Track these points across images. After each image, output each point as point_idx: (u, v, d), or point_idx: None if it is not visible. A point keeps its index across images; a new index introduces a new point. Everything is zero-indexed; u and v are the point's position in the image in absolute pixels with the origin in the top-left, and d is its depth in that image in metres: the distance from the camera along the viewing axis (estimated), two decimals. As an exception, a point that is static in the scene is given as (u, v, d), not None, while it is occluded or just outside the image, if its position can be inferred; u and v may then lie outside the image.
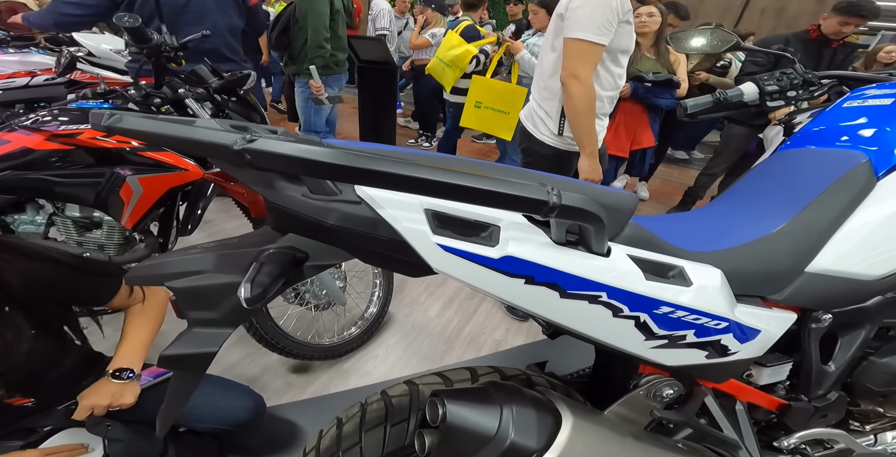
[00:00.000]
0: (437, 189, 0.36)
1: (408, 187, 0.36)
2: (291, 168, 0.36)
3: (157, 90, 1.35)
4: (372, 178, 0.36)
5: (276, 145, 0.34)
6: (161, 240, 1.48)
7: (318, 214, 0.45)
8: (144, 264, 0.53)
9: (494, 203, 0.39)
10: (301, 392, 1.44)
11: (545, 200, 0.38)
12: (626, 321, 0.50)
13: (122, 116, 0.39)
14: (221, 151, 0.35)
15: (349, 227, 0.45)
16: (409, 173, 0.36)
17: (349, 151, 0.36)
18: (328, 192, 0.45)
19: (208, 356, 0.49)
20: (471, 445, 0.46)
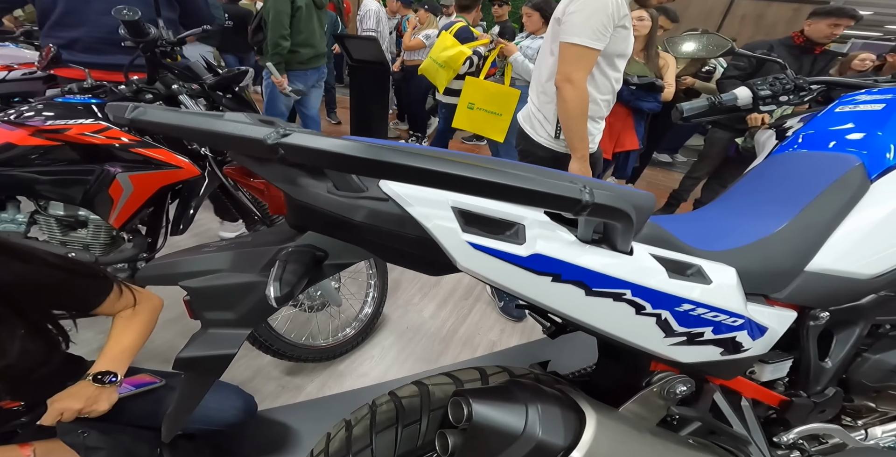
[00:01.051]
0: (472, 186, 0.36)
1: (443, 184, 0.36)
2: (326, 163, 0.36)
3: (149, 86, 1.32)
4: (407, 174, 0.36)
5: (312, 140, 0.34)
6: (150, 239, 1.44)
7: (344, 211, 0.44)
8: (157, 263, 0.51)
9: (528, 200, 0.39)
10: (295, 395, 1.41)
11: (578, 199, 0.38)
12: (647, 319, 0.50)
13: (146, 108, 0.38)
14: (254, 145, 0.34)
15: (377, 224, 0.44)
16: (445, 170, 0.35)
17: (383, 147, 0.36)
18: (354, 188, 0.45)
19: (227, 358, 0.47)
20: (497, 444, 0.46)
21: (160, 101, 1.39)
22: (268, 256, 0.49)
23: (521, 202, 0.39)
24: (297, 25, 2.57)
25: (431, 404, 0.71)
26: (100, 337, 1.62)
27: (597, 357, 1.13)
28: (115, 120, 0.39)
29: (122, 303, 0.99)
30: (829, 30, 2.54)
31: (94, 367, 0.89)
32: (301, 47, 2.65)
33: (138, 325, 1.01)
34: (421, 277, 2.09)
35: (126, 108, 0.38)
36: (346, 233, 0.48)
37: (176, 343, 1.65)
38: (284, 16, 2.49)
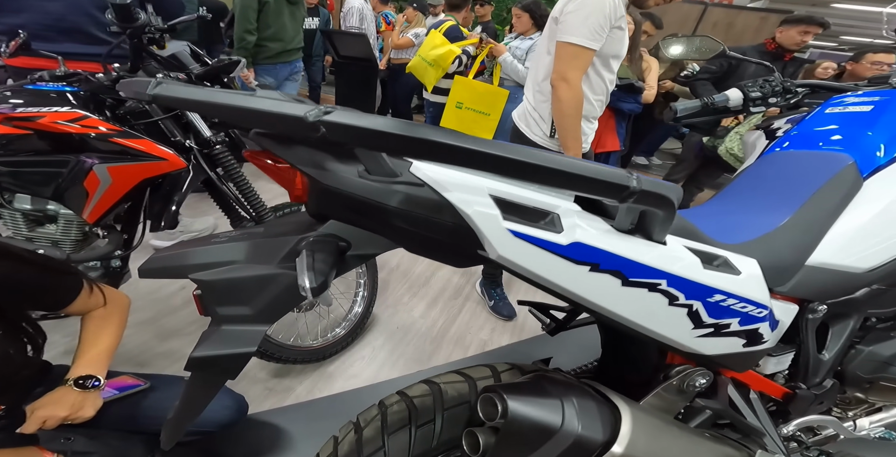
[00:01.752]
0: (523, 170, 0.36)
1: (494, 168, 0.36)
2: (370, 142, 0.34)
3: (131, 74, 1.24)
4: (457, 156, 0.35)
5: (356, 117, 0.32)
6: (125, 236, 1.36)
7: (378, 196, 0.42)
8: (163, 255, 0.47)
9: (576, 185, 0.39)
10: (283, 398, 1.36)
11: (626, 185, 0.38)
12: (678, 310, 0.50)
13: (170, 83, 0.35)
14: (292, 122, 0.32)
15: (412, 210, 0.42)
16: (499, 153, 0.35)
17: (432, 128, 0.35)
18: (388, 173, 0.42)
19: (246, 357, 0.44)
20: (533, 440, 0.44)
21: None
22: (287, 247, 0.46)
23: (569, 187, 0.39)
24: (265, 20, 2.56)
25: (445, 403, 0.68)
26: (66, 340, 1.52)
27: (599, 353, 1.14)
28: (135, 96, 0.35)
29: (92, 302, 0.94)
30: (799, 37, 2.67)
31: (73, 371, 0.84)
32: (269, 42, 2.63)
33: (113, 325, 0.96)
34: (410, 276, 2.06)
35: (147, 84, 0.35)
36: (373, 221, 0.45)
37: (151, 346, 1.56)
38: (251, 10, 2.49)
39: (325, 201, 0.45)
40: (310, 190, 0.46)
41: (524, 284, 1.98)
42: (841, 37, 11.34)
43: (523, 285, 2.13)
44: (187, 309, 1.76)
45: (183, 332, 1.64)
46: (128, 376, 0.99)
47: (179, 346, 1.57)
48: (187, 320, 1.70)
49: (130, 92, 0.37)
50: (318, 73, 4.69)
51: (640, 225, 0.47)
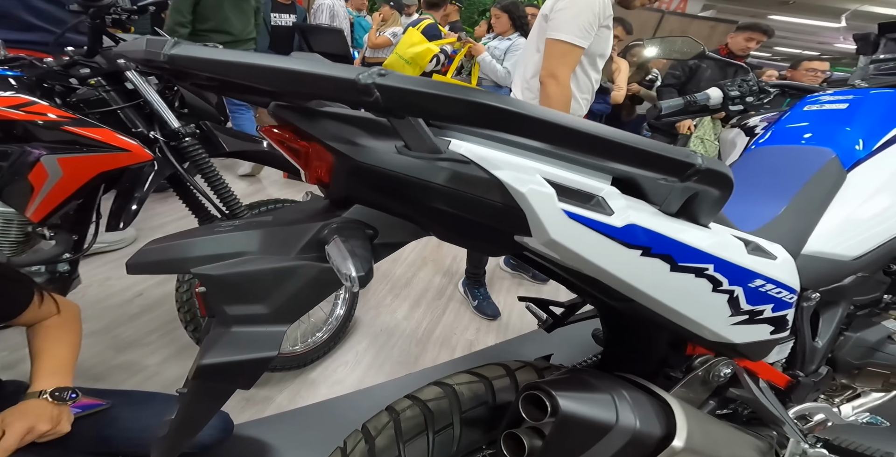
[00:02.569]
0: (590, 143, 0.35)
1: (557, 139, 0.34)
2: (432, 109, 0.31)
3: (88, 59, 1.12)
4: (525, 124, 0.32)
5: (415, 82, 0.30)
6: (75, 237, 1.22)
7: (422, 173, 0.37)
8: (157, 247, 0.40)
9: (641, 161, 0.37)
10: (262, 409, 1.26)
11: (692, 162, 0.38)
12: (720, 297, 0.48)
13: (186, 44, 0.30)
14: (342, 86, 0.29)
15: (459, 189, 0.38)
16: (568, 124, 0.33)
17: (492, 94, 0.31)
18: (431, 149, 0.38)
19: (265, 363, 0.38)
20: (586, 438, 0.41)
21: (99, 78, 1.19)
22: (308, 235, 0.40)
23: (634, 163, 0.38)
24: (204, 13, 2.50)
25: (462, 406, 0.64)
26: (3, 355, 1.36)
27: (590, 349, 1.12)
28: (146, 57, 0.30)
29: (44, 312, 0.85)
30: (745, 43, 2.85)
31: (37, 383, 0.76)
32: (213, 34, 2.55)
33: (69, 334, 0.88)
34: (391, 278, 1.99)
35: (162, 43, 0.31)
36: (409, 203, 0.41)
37: (106, 358, 1.42)
38: (185, 3, 2.42)
39: (355, 182, 0.40)
40: (335, 170, 0.40)
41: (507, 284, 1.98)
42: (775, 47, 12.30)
43: (505, 284, 2.12)
44: (146, 317, 1.62)
45: (141, 342, 1.50)
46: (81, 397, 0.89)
47: (138, 357, 1.44)
48: (146, 329, 1.56)
49: (137, 53, 0.31)
50: None
51: (687, 208, 0.45)
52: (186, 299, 1.20)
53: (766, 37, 2.98)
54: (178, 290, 1.22)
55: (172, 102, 1.27)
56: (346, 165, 0.39)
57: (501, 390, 0.67)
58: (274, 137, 0.42)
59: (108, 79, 1.20)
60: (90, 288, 1.73)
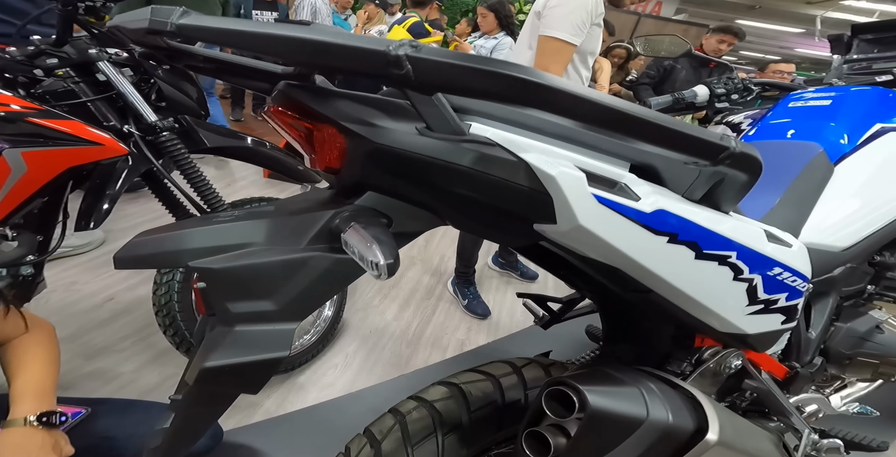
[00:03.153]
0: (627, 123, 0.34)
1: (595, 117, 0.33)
2: (466, 84, 0.30)
3: (56, 48, 1.05)
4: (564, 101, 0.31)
5: (448, 55, 0.29)
6: (40, 238, 1.14)
7: (446, 155, 0.35)
8: (148, 238, 0.37)
9: (676, 143, 0.37)
10: (250, 414, 1.20)
11: (727, 145, 0.37)
12: (740, 285, 0.48)
13: (197, 14, 0.27)
14: (370, 58, 0.28)
15: (486, 171, 0.36)
16: (608, 103, 0.32)
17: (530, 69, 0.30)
18: (454, 131, 0.36)
19: (275, 364, 0.35)
20: (618, 434, 0.39)
21: (68, 69, 1.12)
22: (318, 224, 0.37)
23: (669, 145, 0.37)
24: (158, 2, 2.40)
25: (471, 405, 0.61)
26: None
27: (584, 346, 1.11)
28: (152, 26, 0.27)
29: (8, 328, 0.79)
30: (717, 45, 2.96)
31: (19, 408, 0.69)
32: None
33: (45, 352, 0.81)
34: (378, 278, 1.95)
35: (171, 12, 0.28)
36: (429, 187, 0.38)
37: (76, 366, 1.34)
38: None
39: (371, 166, 0.37)
40: (349, 154, 0.37)
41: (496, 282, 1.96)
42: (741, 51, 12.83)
43: (494, 283, 2.11)
44: (118, 322, 1.54)
45: (114, 349, 1.42)
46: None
47: (111, 365, 1.36)
48: (118, 335, 1.48)
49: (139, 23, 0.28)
50: None
51: (710, 195, 0.44)
52: (165, 302, 1.14)
53: (738, 40, 3.09)
54: (156, 292, 1.16)
55: (148, 95, 1.20)
56: (363, 147, 0.36)
57: (510, 388, 0.65)
58: (282, 118, 0.39)
59: (78, 70, 1.13)
60: (55, 293, 1.63)
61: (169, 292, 1.14)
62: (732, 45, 3.09)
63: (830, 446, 0.58)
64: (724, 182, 0.43)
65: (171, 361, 1.35)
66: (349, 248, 0.33)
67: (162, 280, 1.16)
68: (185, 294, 1.16)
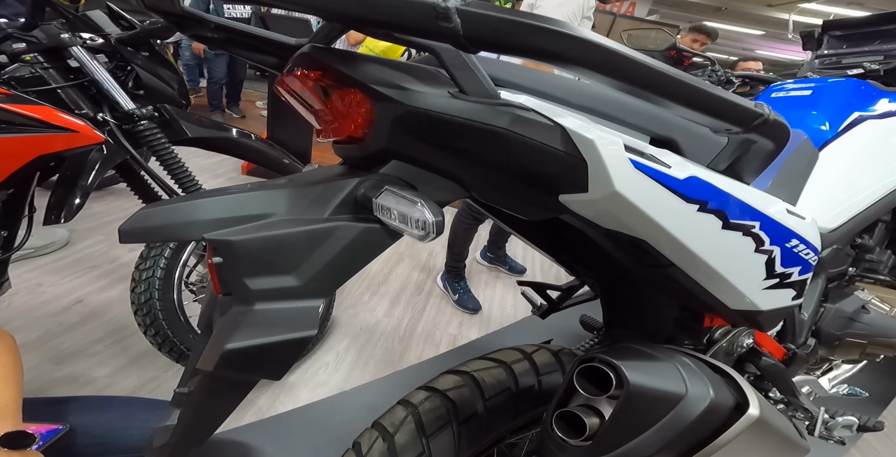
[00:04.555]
0: (669, 87, 0.34)
1: (639, 80, 0.33)
2: (518, 41, 0.29)
3: (24, 32, 0.98)
4: (618, 62, 0.31)
5: (500, 9, 0.28)
6: (5, 233, 1.06)
7: (483, 117, 0.33)
8: (157, 209, 0.33)
9: (713, 107, 0.36)
10: (240, 415, 1.15)
11: (761, 112, 0.37)
12: (760, 257, 0.48)
13: None
14: (417, 10, 0.27)
15: (522, 133, 0.34)
16: (653, 66, 0.32)
17: (581, 28, 0.29)
18: (489, 94, 0.34)
19: (302, 344, 0.32)
20: (656, 410, 0.38)
21: (35, 55, 1.05)
22: (343, 191, 0.35)
23: (705, 109, 0.36)
24: None
25: (486, 392, 0.60)
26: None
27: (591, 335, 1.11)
28: None
29: None
30: (690, 44, 3.07)
31: None
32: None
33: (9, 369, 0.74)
34: (367, 274, 1.91)
35: None
36: (455, 154, 0.37)
37: (46, 371, 1.26)
38: None
39: (401, 131, 0.35)
40: (377, 119, 0.35)
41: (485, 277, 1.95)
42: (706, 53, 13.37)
43: (483, 278, 2.10)
44: (89, 325, 1.45)
45: (85, 352, 1.34)
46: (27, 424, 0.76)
47: (83, 369, 1.28)
48: (90, 339, 1.40)
49: None
50: (241, 67, 4.22)
51: (734, 165, 0.44)
52: (145, 301, 1.08)
53: (711, 40, 3.20)
54: (134, 290, 1.09)
55: (125, 83, 1.14)
56: (393, 111, 0.34)
57: (523, 374, 0.64)
58: (304, 81, 0.36)
59: (47, 55, 1.06)
60: (17, 296, 1.53)
61: (149, 290, 1.08)
62: (705, 45, 3.20)
63: (845, 424, 0.59)
64: (750, 152, 0.43)
65: (151, 363, 1.28)
66: (385, 212, 0.31)
67: (141, 277, 1.09)
68: (166, 291, 1.10)
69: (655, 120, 0.48)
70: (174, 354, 1.11)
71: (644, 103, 0.50)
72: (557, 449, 0.42)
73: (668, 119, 0.49)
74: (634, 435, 0.39)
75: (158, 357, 1.19)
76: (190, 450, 0.36)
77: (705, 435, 0.38)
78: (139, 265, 1.12)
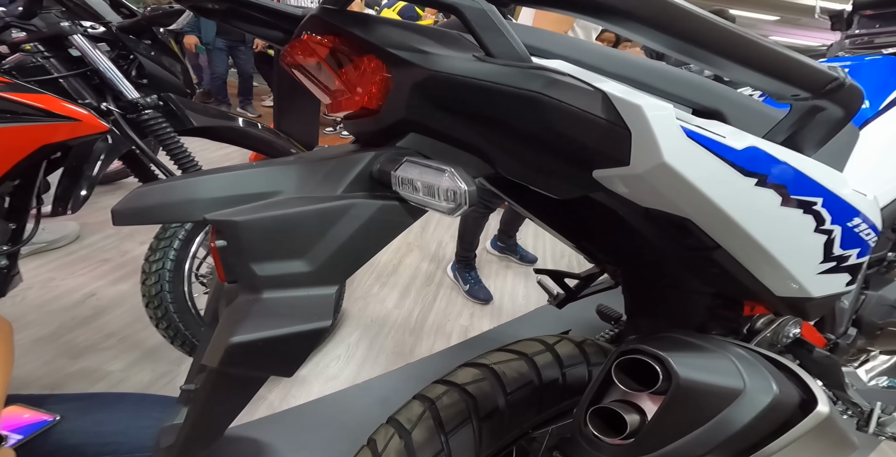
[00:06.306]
0: (737, 48, 0.30)
1: (701, 39, 0.29)
2: None
3: (23, 21, 0.96)
4: (676, 17, 0.28)
5: None
6: (13, 225, 1.05)
7: (512, 80, 0.29)
8: (153, 187, 0.30)
9: (777, 70, 0.32)
10: (252, 410, 1.14)
11: (835, 75, 0.33)
12: (819, 238, 0.43)
13: None
14: None
15: (559, 98, 0.30)
16: (712, 20, 0.29)
17: None
18: (519, 57, 0.30)
19: (317, 336, 0.29)
20: (710, 407, 0.34)
21: (36, 44, 1.02)
22: (358, 166, 0.31)
23: (773, 72, 0.32)
24: None
25: (507, 386, 0.56)
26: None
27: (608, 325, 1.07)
28: None
29: None
30: None
31: None
32: None
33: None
34: (376, 266, 1.88)
35: None
36: (482, 123, 0.33)
37: (61, 365, 1.25)
38: None
39: (422, 99, 0.31)
40: (395, 87, 0.31)
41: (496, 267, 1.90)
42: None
43: (494, 268, 2.06)
44: (102, 319, 1.45)
45: (99, 346, 1.34)
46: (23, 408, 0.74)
47: (98, 363, 1.28)
48: (103, 333, 1.40)
49: None
50: (248, 62, 4.16)
51: (794, 137, 0.40)
52: (155, 293, 1.06)
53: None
54: (145, 282, 1.07)
55: (128, 72, 1.11)
56: (413, 77, 0.30)
57: (546, 367, 0.60)
58: (313, 47, 0.33)
59: (48, 44, 1.03)
60: (31, 291, 1.54)
61: (159, 282, 1.06)
62: None
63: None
64: (815, 121, 0.38)
65: (164, 357, 1.28)
66: (407, 185, 0.27)
67: (151, 269, 1.07)
68: (176, 283, 1.08)
69: (699, 90, 0.43)
70: (186, 347, 1.10)
71: (686, 73, 0.45)
72: (590, 446, 0.38)
73: (713, 89, 0.44)
74: (682, 434, 0.35)
75: (171, 351, 1.18)
76: (199, 451, 0.33)
77: (765, 434, 0.34)
78: (149, 257, 1.10)
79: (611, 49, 0.43)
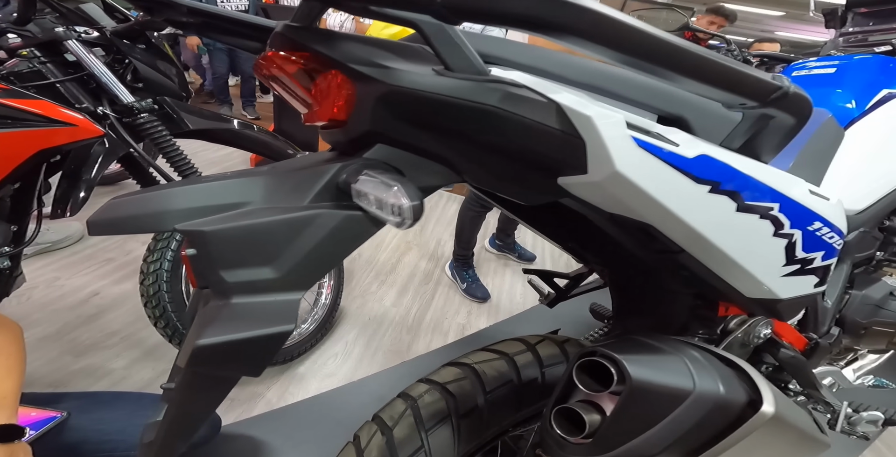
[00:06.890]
0: (681, 59, 0.31)
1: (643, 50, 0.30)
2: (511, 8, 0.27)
3: (19, 27, 0.97)
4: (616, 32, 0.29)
5: None
6: (14, 228, 1.07)
7: (471, 94, 0.31)
8: (127, 199, 0.32)
9: (722, 81, 0.33)
10: (251, 407, 1.16)
11: (779, 85, 0.34)
12: (779, 242, 0.44)
13: None
14: None
15: (516, 112, 0.31)
16: (658, 35, 0.30)
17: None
18: (477, 70, 0.31)
19: (280, 340, 0.31)
20: (661, 407, 0.36)
21: (32, 49, 1.04)
22: (324, 178, 0.33)
23: (717, 83, 0.33)
24: None
25: (486, 386, 0.58)
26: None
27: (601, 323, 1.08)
28: None
29: None
30: (706, 26, 2.95)
31: None
32: None
33: (10, 360, 0.74)
34: (375, 264, 1.91)
35: None
36: (444, 136, 0.34)
37: (65, 363, 1.29)
38: None
39: (384, 112, 0.33)
40: (359, 100, 0.33)
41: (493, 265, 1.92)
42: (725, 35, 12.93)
43: (492, 266, 2.08)
44: (105, 317, 1.48)
45: (103, 345, 1.37)
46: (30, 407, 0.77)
47: (101, 361, 1.31)
48: (106, 331, 1.43)
49: None
50: (248, 62, 4.17)
51: (750, 143, 0.41)
52: (153, 293, 1.08)
53: (728, 22, 3.06)
54: (143, 282, 1.10)
55: (124, 76, 1.13)
56: (375, 91, 0.32)
57: (525, 367, 0.62)
58: (280, 63, 0.34)
59: (44, 49, 1.05)
60: (36, 290, 1.57)
61: (157, 282, 1.09)
62: (722, 28, 3.07)
63: (870, 419, 0.56)
64: (768, 128, 0.39)
65: (164, 355, 1.30)
66: (363, 198, 0.29)
67: (149, 270, 1.10)
68: (174, 283, 1.11)
69: (662, 96, 0.44)
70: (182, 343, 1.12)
71: (650, 79, 0.46)
72: (557, 446, 0.40)
73: (676, 95, 0.45)
74: (637, 433, 0.36)
75: (171, 349, 1.21)
76: (179, 445, 0.35)
77: (715, 433, 0.36)
78: (147, 258, 1.13)
79: (578, 57, 0.44)
